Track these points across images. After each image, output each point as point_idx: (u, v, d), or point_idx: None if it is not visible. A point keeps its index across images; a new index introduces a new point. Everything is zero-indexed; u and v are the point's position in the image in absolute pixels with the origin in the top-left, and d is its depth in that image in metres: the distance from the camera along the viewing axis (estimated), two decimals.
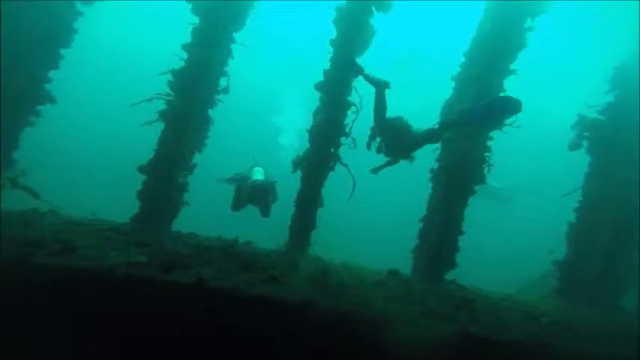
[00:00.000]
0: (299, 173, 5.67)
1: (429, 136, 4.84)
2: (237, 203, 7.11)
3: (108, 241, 4.13)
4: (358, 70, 4.79)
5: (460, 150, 4.65)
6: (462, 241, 5.07)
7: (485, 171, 4.52)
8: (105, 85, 25.28)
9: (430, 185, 5.74)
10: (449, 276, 5.19)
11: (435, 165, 5.71)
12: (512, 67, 4.48)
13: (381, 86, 4.78)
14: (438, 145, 5.67)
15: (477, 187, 4.66)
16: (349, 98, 5.35)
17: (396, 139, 4.98)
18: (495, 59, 4.45)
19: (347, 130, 5.26)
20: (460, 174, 4.67)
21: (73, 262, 3.55)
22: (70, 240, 3.97)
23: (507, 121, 4.37)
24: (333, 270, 4.56)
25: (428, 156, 6.16)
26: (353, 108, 5.12)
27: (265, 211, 6.97)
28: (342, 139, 5.25)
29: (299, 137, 5.48)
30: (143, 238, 4.38)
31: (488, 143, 4.62)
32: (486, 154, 4.63)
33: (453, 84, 5.45)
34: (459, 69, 5.35)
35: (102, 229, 4.42)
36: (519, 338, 3.12)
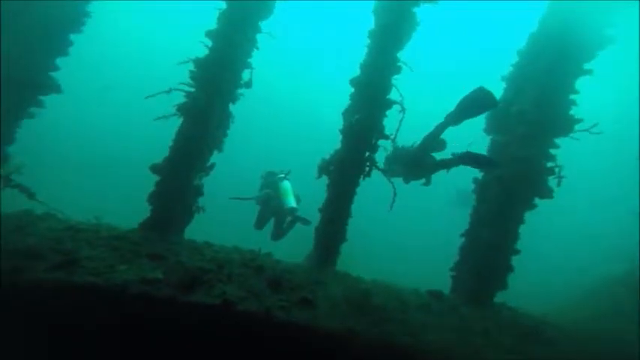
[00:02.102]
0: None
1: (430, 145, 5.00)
2: (262, 222, 6.69)
3: (116, 251, 3.60)
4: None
5: (518, 159, 4.16)
6: None
7: (556, 184, 4.00)
8: (112, 80, 24.68)
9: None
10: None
11: (479, 174, 5.22)
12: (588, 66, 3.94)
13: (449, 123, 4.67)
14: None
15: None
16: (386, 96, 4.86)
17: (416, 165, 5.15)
18: (565, 58, 3.95)
19: (385, 131, 4.76)
20: (518, 186, 4.17)
21: (77, 277, 3.01)
22: (72, 250, 3.43)
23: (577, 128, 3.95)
24: (371, 291, 4.03)
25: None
26: (396, 107, 4.61)
27: (279, 236, 6.56)
28: (381, 142, 4.75)
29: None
30: (156, 249, 3.84)
31: (552, 151, 4.13)
32: (550, 163, 4.12)
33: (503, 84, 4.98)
34: (512, 68, 4.88)
35: (108, 237, 3.88)
36: None
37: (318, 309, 3.60)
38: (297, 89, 26.16)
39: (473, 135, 5.36)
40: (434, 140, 4.95)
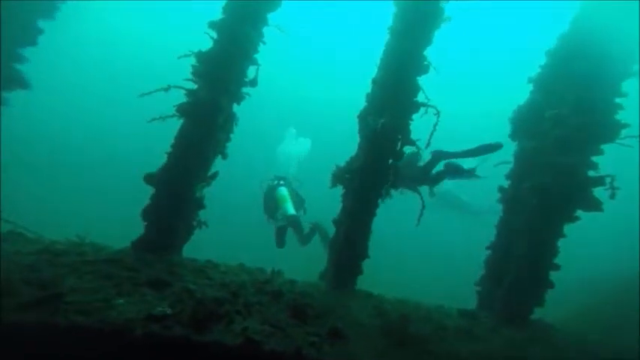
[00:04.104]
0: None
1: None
2: (281, 240, 6.60)
3: (108, 279, 2.99)
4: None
5: (557, 166, 3.90)
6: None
7: (610, 196, 3.74)
8: (94, 76, 23.02)
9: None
10: None
11: (505, 182, 4.97)
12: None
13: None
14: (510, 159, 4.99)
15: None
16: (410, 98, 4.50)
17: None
18: (608, 59, 3.74)
19: (410, 136, 4.40)
20: (558, 195, 3.90)
21: (61, 317, 2.40)
22: (52, 280, 2.80)
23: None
24: (408, 316, 3.61)
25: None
26: (427, 111, 4.25)
27: (304, 242, 6.40)
28: (406, 148, 4.38)
29: None
30: (157, 274, 3.26)
31: (595, 159, 3.89)
32: (592, 172, 3.86)
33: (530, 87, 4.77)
34: (540, 70, 4.68)
35: (96, 261, 3.25)
36: None
37: (351, 342, 3.14)
38: (301, 87, 25.45)
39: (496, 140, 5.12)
40: (433, 165, 5.42)
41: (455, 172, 5.31)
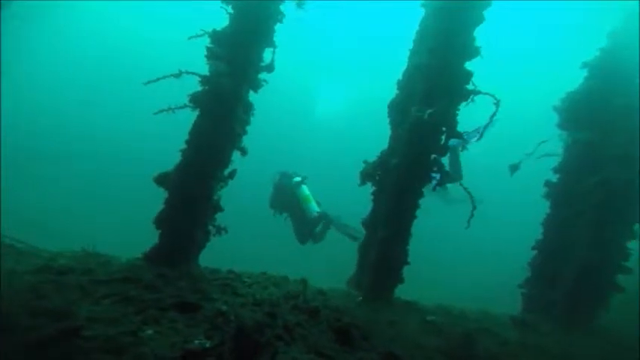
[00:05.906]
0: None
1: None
2: (304, 235, 6.67)
3: (128, 304, 2.66)
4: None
5: (632, 160, 3.65)
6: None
7: None
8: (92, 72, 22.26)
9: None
10: None
11: (554, 176, 4.72)
12: None
13: None
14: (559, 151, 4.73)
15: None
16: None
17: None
18: None
19: (457, 127, 4.08)
20: (630, 192, 3.68)
21: (82, 359, 2.07)
22: (64, 308, 2.46)
23: None
24: (471, 335, 3.37)
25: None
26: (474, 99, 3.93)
27: (318, 239, 6.37)
28: (452, 142, 4.08)
29: None
30: (181, 293, 2.94)
31: None
32: None
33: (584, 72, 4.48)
34: (599, 53, 4.38)
35: (109, 280, 2.91)
36: None
37: None
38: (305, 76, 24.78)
39: (545, 132, 4.86)
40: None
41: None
